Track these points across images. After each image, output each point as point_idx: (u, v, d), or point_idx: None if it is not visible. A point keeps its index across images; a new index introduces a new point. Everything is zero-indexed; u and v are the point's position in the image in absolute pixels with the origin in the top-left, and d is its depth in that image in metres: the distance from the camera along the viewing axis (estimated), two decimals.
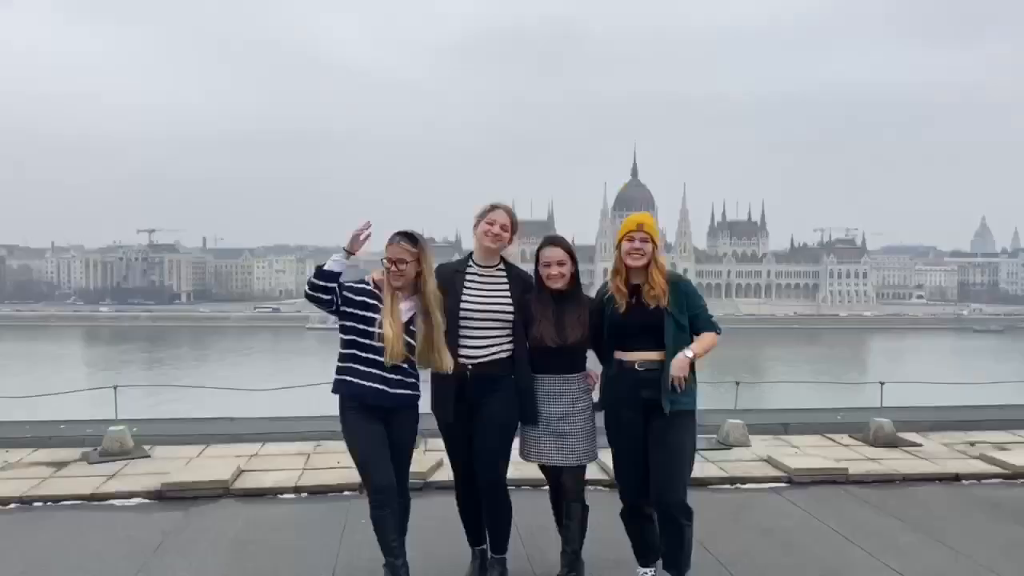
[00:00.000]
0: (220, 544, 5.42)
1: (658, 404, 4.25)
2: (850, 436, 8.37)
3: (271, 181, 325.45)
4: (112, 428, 7.44)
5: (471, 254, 4.69)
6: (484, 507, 4.66)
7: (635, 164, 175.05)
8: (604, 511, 4.82)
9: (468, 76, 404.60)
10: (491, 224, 4.50)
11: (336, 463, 7.01)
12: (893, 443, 8.02)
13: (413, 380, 4.42)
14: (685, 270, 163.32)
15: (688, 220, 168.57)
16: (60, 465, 7.09)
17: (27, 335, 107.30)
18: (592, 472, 4.77)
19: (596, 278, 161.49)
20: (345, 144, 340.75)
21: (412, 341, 4.31)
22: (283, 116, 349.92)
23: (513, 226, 4.55)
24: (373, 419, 4.33)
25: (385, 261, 4.28)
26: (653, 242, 4.35)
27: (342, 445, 7.81)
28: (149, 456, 7.38)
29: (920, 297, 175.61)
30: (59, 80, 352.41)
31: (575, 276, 4.50)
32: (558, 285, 4.42)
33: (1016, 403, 10.79)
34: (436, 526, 5.26)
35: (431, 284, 4.32)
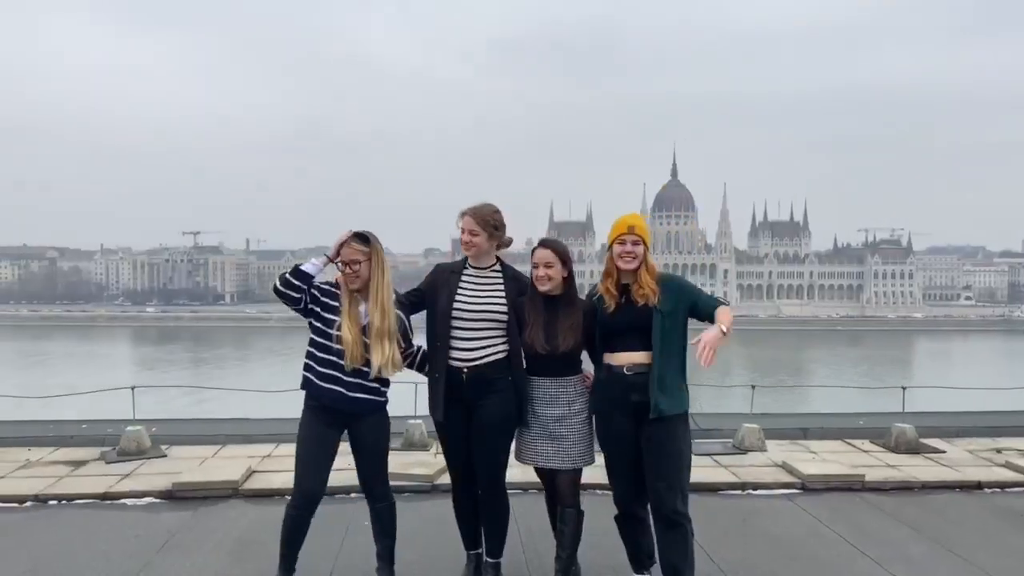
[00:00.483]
0: (224, 544, 5.47)
1: (647, 408, 4.17)
2: (871, 442, 8.20)
3: (313, 183, 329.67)
4: (129, 428, 7.57)
5: (467, 257, 4.66)
6: (482, 510, 4.64)
7: (675, 164, 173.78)
8: (604, 515, 4.74)
9: (508, 78, 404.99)
10: (462, 232, 4.50)
11: (346, 465, 7.02)
12: (915, 449, 7.84)
13: (376, 385, 4.37)
14: (726, 271, 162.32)
15: (728, 220, 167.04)
16: (78, 464, 7.23)
17: (76, 335, 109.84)
18: (592, 476, 4.72)
19: None
20: (388, 146, 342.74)
21: (369, 342, 4.29)
22: (327, 118, 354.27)
23: (485, 227, 4.46)
24: (329, 422, 4.36)
25: (339, 264, 4.30)
26: (644, 244, 4.29)
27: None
28: (165, 456, 7.49)
29: (968, 298, 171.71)
30: (109, 85, 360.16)
31: (568, 279, 4.43)
32: (545, 287, 4.36)
33: None
34: (437, 529, 5.26)
35: (384, 284, 4.33)
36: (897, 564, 5.12)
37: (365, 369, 4.28)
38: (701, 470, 7.10)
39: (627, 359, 4.25)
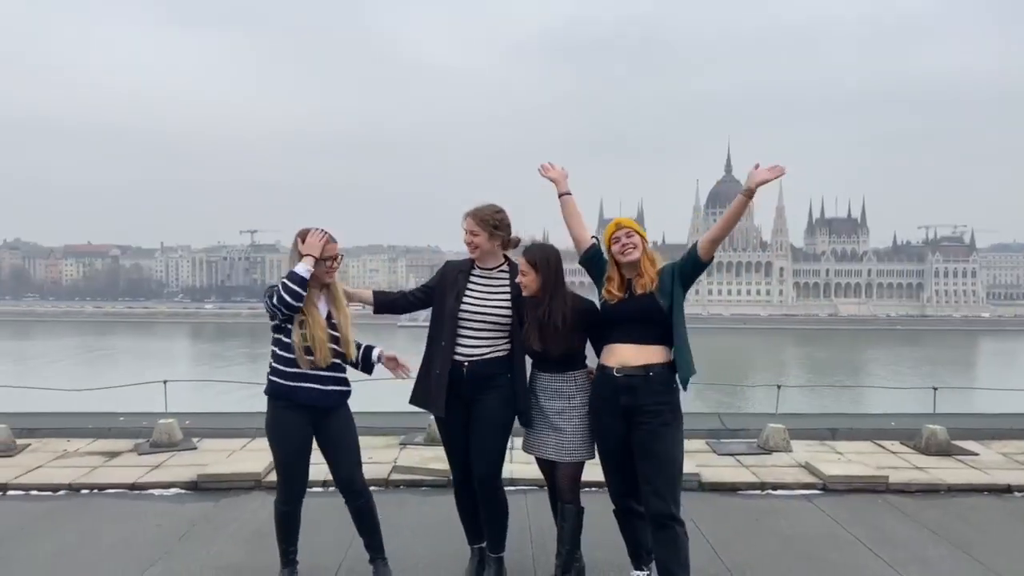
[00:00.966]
0: (241, 535, 5.61)
1: (637, 411, 4.17)
2: (901, 443, 8.03)
3: (366, 183, 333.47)
4: (161, 421, 7.80)
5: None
6: (480, 505, 4.67)
7: (729, 159, 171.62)
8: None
9: (558, 77, 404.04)
10: (465, 234, 4.57)
11: (368, 458, 7.12)
12: (947, 451, 7.65)
13: (344, 376, 4.51)
14: (782, 269, 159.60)
15: (784, 217, 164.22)
16: (112, 455, 7.48)
17: (137, 331, 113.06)
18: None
19: None
20: (436, 145, 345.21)
21: (336, 334, 4.42)
22: (380, 120, 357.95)
23: (485, 227, 4.51)
24: (302, 420, 4.43)
25: (323, 260, 4.38)
26: (640, 235, 4.31)
27: (377, 440, 8.04)
28: (195, 448, 7.70)
29: None
30: (168, 85, 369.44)
31: (545, 286, 4.36)
32: (526, 294, 4.40)
33: None
34: (454, 524, 5.29)
35: (337, 277, 4.52)
36: (911, 566, 5.03)
37: (336, 361, 4.42)
38: (722, 469, 7.08)
39: (619, 359, 4.24)
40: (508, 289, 4.56)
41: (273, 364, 4.42)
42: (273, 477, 6.68)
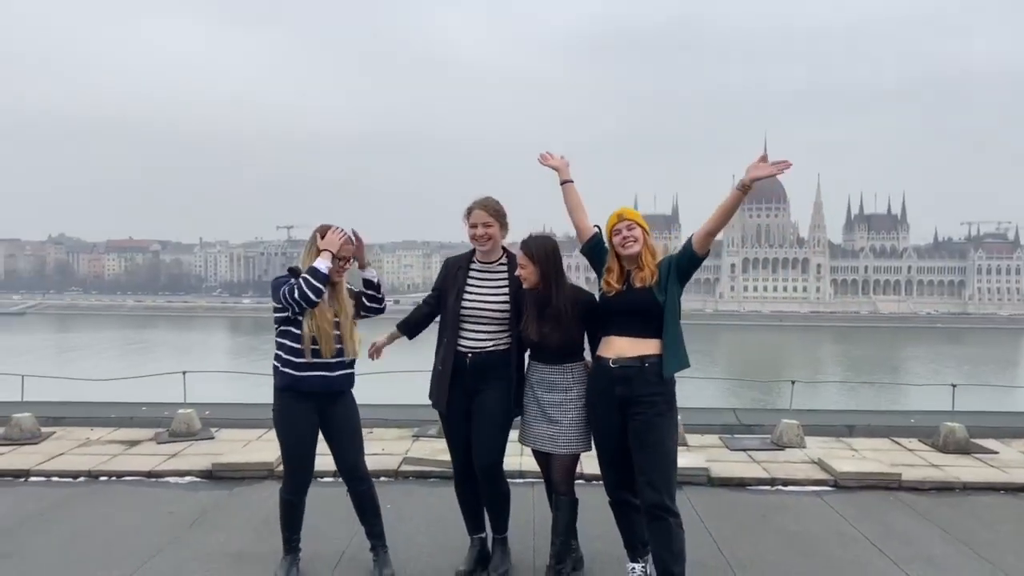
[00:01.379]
0: (250, 523, 5.71)
1: (633, 401, 4.18)
2: (919, 440, 7.92)
3: (400, 179, 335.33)
4: (180, 411, 7.96)
5: (474, 250, 4.72)
6: (482, 493, 4.71)
7: (765, 154, 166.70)
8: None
9: (592, 74, 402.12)
10: (474, 227, 4.55)
11: (380, 450, 7.25)
12: (965, 449, 7.54)
13: (351, 360, 4.59)
14: (819, 265, 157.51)
15: (822, 213, 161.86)
16: (132, 444, 7.66)
17: (177, 324, 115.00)
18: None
19: (722, 273, 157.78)
20: (470, 143, 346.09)
21: (338, 332, 4.50)
22: (415, 118, 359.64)
23: (498, 218, 4.56)
24: (309, 408, 4.51)
25: (336, 259, 4.48)
26: (642, 227, 4.30)
27: (390, 432, 8.11)
28: (213, 438, 7.85)
29: None
30: (205, 83, 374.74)
31: (545, 277, 4.38)
32: (526, 286, 4.42)
33: None
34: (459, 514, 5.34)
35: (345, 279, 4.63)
36: (915, 564, 4.97)
37: (339, 347, 4.51)
38: (732, 465, 7.04)
39: (616, 350, 4.24)
40: (507, 283, 4.58)
41: (284, 356, 4.49)
42: None
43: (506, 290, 4.58)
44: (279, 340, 4.54)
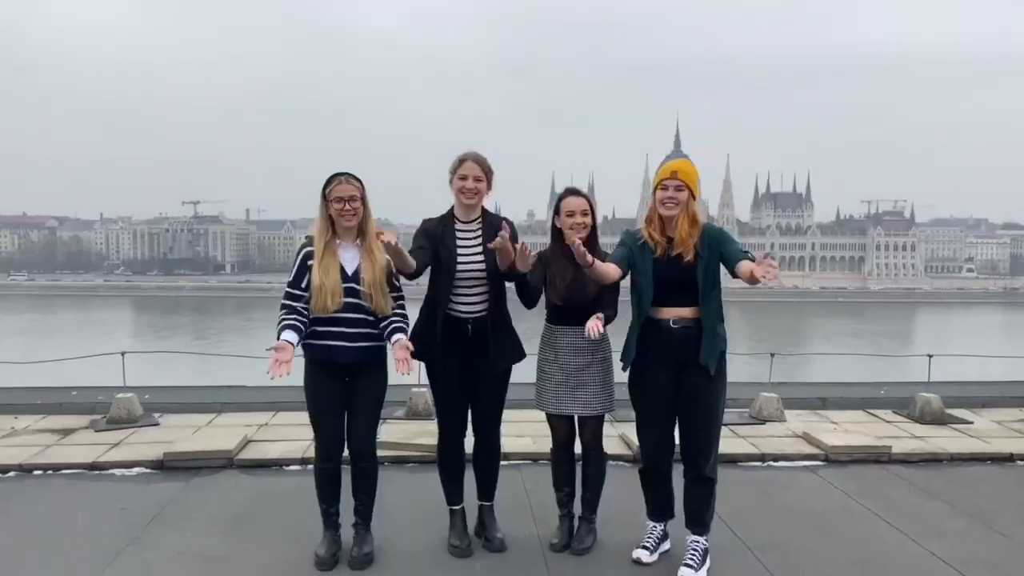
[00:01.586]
0: (217, 518, 5.15)
1: (689, 363, 4.08)
2: (894, 412, 7.88)
3: (304, 152, 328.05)
4: (120, 395, 7.24)
5: (452, 209, 4.40)
6: (478, 457, 4.59)
7: (677, 134, 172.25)
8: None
9: (502, 52, 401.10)
10: (464, 179, 4.24)
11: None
12: (941, 420, 7.52)
13: (373, 332, 4.17)
14: None
15: (731, 192, 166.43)
16: (66, 432, 6.92)
17: (77, 304, 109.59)
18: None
19: None
20: (374, 117, 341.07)
21: (359, 287, 4.09)
22: (325, 90, 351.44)
23: (487, 176, 4.29)
24: (334, 376, 4.19)
25: (335, 203, 4.05)
26: (690, 190, 4.07)
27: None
28: (158, 424, 7.18)
29: (970, 270, 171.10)
30: (103, 50, 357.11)
31: (594, 230, 4.36)
32: (581, 237, 4.18)
33: None
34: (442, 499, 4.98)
35: (372, 225, 4.13)
36: (933, 540, 4.80)
37: (369, 317, 4.13)
38: (721, 440, 6.79)
39: (673, 312, 4.10)
40: (482, 241, 4.30)
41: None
42: (246, 455, 6.30)
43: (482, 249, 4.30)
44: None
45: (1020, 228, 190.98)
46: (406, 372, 4.08)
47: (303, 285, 4.10)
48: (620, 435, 6.54)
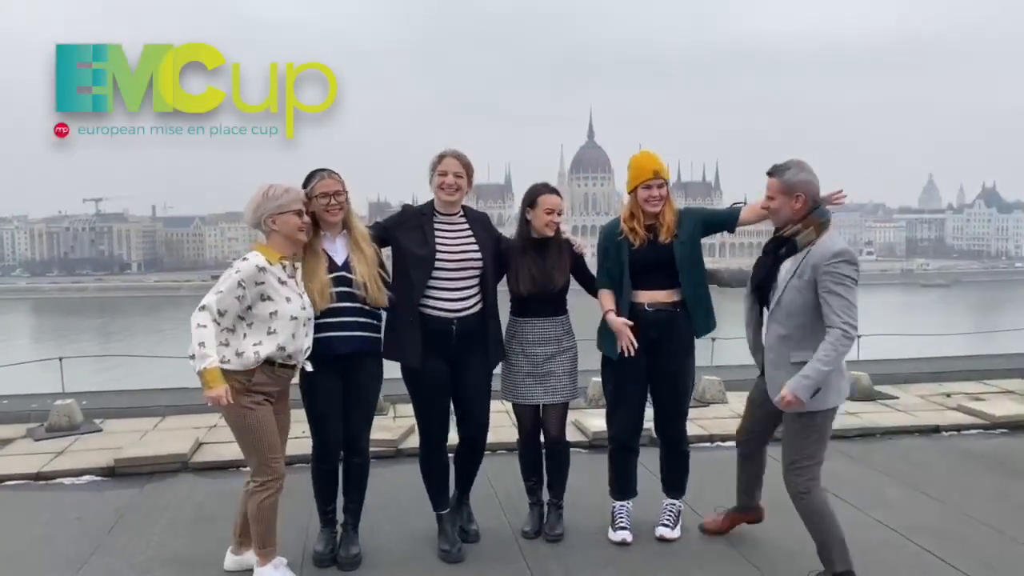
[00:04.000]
0: (179, 521, 5.09)
1: (665, 342, 4.36)
2: None
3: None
4: (59, 402, 7.00)
5: (432, 202, 4.40)
6: (464, 462, 4.61)
7: (591, 125, 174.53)
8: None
9: (412, 40, 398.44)
10: (444, 175, 4.26)
11: (302, 432, 6.65)
12: (870, 396, 7.94)
13: (371, 322, 4.18)
14: None
15: None
16: (3, 443, 6.66)
17: None
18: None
19: None
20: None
21: (351, 276, 4.08)
22: None
23: (468, 172, 4.33)
24: (329, 372, 4.14)
25: (320, 199, 4.01)
26: (666, 183, 4.41)
27: (304, 414, 7.54)
28: (100, 430, 6.98)
29: (870, 253, 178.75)
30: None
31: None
32: (551, 233, 4.41)
33: (983, 354, 10.81)
34: (407, 494, 5.06)
35: (357, 218, 4.17)
36: (878, 510, 5.12)
37: (356, 305, 4.09)
38: None
39: (649, 297, 4.35)
40: (473, 236, 4.34)
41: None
42: (200, 457, 6.20)
43: (474, 240, 4.32)
44: None
45: (914, 212, 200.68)
46: None
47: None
48: (573, 422, 6.68)
